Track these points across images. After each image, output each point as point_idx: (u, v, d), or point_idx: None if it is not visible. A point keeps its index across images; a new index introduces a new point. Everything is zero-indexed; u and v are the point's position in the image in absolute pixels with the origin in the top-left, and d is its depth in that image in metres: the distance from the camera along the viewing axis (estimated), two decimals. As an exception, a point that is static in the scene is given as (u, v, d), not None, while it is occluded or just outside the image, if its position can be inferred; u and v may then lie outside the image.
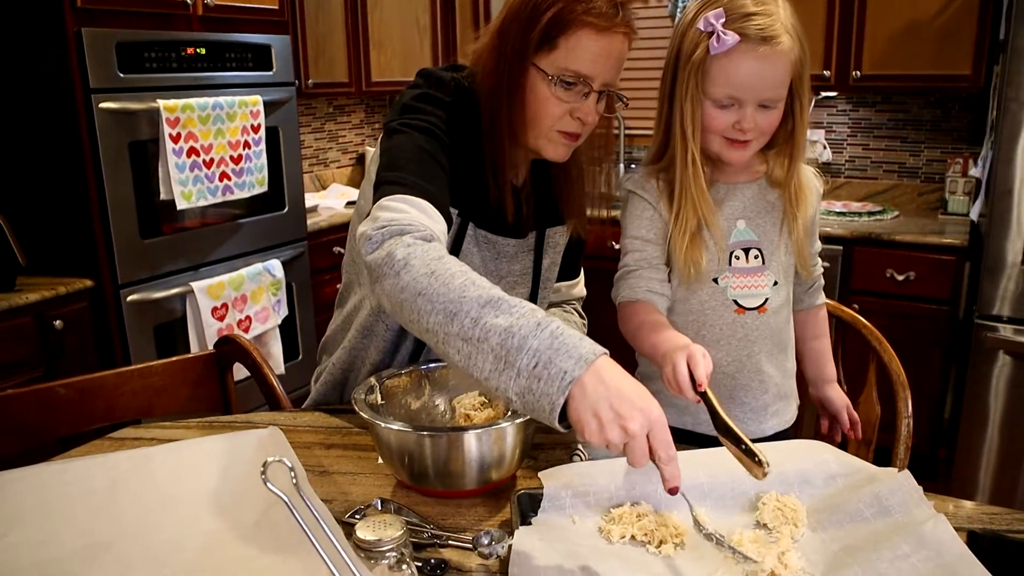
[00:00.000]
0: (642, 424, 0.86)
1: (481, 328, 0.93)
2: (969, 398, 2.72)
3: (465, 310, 0.94)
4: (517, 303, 0.95)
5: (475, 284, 0.98)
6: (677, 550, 0.97)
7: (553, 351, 0.89)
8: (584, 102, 1.22)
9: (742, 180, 1.34)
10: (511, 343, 0.90)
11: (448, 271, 0.99)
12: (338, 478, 1.16)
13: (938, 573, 0.88)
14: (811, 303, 1.49)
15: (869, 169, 3.51)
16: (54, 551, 0.95)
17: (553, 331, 0.90)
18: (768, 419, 1.40)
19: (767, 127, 1.24)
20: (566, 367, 0.87)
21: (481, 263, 1.36)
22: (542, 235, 1.42)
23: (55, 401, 1.45)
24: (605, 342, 0.95)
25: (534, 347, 0.89)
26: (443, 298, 0.96)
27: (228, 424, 1.36)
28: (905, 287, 2.91)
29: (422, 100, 1.28)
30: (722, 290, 1.33)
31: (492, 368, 0.92)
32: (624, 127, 3.93)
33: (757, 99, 1.21)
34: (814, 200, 1.38)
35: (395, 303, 1.03)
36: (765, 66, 1.19)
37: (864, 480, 1.06)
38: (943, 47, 2.95)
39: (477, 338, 0.93)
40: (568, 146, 1.28)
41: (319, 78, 3.55)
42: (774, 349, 1.37)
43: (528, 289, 1.43)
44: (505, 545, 0.94)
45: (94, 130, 2.43)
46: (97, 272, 2.52)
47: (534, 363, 0.89)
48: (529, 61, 1.21)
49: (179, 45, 2.66)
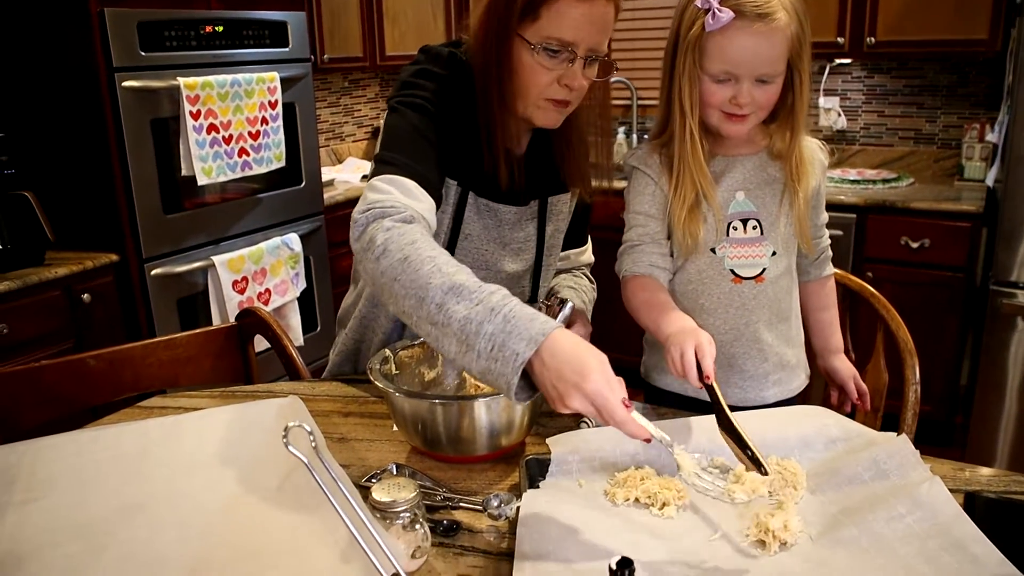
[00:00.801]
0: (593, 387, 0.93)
1: (444, 314, 1.00)
2: (985, 364, 2.73)
3: (431, 296, 1.01)
4: (477, 288, 1.02)
5: (440, 271, 1.04)
6: (679, 512, 1.02)
7: (506, 335, 0.96)
8: (570, 69, 1.25)
9: (743, 152, 1.36)
10: (469, 328, 0.98)
11: (419, 257, 1.06)
12: (355, 444, 1.22)
13: (932, 533, 0.91)
14: (817, 274, 1.50)
15: (884, 136, 3.49)
16: (89, 512, 1.01)
17: (506, 315, 0.97)
18: (769, 387, 1.42)
19: (764, 102, 1.26)
20: (518, 349, 0.95)
21: (483, 230, 1.40)
22: (545, 203, 1.45)
23: (86, 371, 1.51)
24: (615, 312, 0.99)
25: (489, 332, 0.96)
26: (413, 284, 1.04)
27: (250, 394, 1.41)
28: (920, 254, 2.91)
29: (419, 76, 1.33)
30: (719, 260, 1.35)
31: (457, 350, 0.99)
32: (637, 98, 3.93)
33: (753, 74, 1.23)
34: (817, 173, 1.39)
35: (377, 287, 1.11)
36: (760, 42, 1.21)
37: (863, 445, 1.09)
38: (959, 11, 2.92)
39: (442, 323, 1.00)
40: (559, 112, 1.31)
41: (334, 53, 3.57)
42: (774, 318, 1.39)
43: (532, 255, 1.47)
44: (514, 507, 0.98)
45: (117, 108, 2.48)
46: (122, 247, 2.59)
47: (490, 347, 0.96)
48: (514, 31, 1.24)
49: (198, 23, 2.70)
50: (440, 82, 1.32)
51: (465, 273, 1.05)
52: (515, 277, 1.46)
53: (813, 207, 1.41)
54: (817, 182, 1.39)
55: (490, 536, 0.98)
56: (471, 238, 1.39)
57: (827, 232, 1.49)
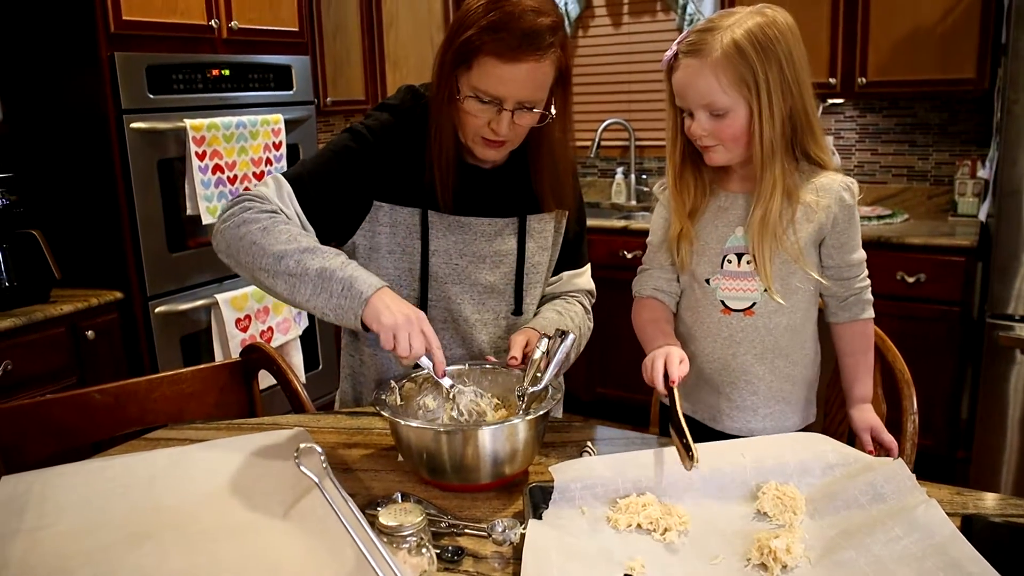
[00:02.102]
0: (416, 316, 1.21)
1: (302, 267, 1.26)
2: (984, 398, 2.74)
3: (290, 254, 1.27)
4: (328, 250, 1.29)
5: (296, 239, 1.29)
6: (681, 537, 1.03)
7: (353, 279, 1.23)
8: (498, 117, 1.33)
9: (747, 190, 1.38)
10: (325, 274, 1.24)
11: (277, 228, 1.31)
12: (360, 475, 1.23)
13: (929, 553, 0.93)
14: (847, 317, 1.42)
15: (878, 174, 3.54)
16: (98, 540, 1.02)
17: (352, 269, 1.25)
18: (757, 420, 1.42)
19: (724, 134, 1.30)
20: (363, 290, 1.22)
21: (454, 245, 1.47)
22: (524, 220, 1.50)
23: (91, 406, 1.53)
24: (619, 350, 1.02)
25: (340, 276, 1.24)
26: (273, 247, 1.28)
27: (256, 426, 1.43)
28: (916, 289, 2.94)
29: (376, 108, 1.51)
30: (712, 290, 1.39)
31: (312, 293, 1.25)
32: (635, 139, 3.99)
33: (696, 106, 1.30)
34: (833, 213, 1.33)
35: (234, 249, 1.33)
36: (689, 76, 1.28)
37: (860, 469, 1.11)
38: (947, 51, 2.98)
39: (299, 274, 1.26)
40: (496, 150, 1.40)
41: (337, 96, 3.64)
42: (767, 352, 1.39)
43: (512, 269, 1.51)
44: (518, 532, 1.00)
45: (125, 149, 2.53)
46: (127, 284, 2.62)
47: (341, 287, 1.23)
48: (451, 75, 1.35)
49: (205, 67, 2.76)
50: (391, 111, 1.47)
51: (315, 240, 1.32)
52: (494, 289, 1.50)
53: (834, 247, 1.37)
54: (831, 221, 1.34)
55: (495, 562, 0.99)
56: (439, 253, 1.46)
57: (864, 273, 1.41)
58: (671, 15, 3.84)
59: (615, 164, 4.11)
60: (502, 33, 1.27)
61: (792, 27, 1.30)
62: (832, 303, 1.43)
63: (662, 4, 3.86)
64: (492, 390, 1.33)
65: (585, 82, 4.06)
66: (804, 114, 1.31)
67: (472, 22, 1.29)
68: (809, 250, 1.36)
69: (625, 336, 1.40)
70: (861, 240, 1.40)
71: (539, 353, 1.27)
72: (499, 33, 1.27)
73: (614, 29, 4.03)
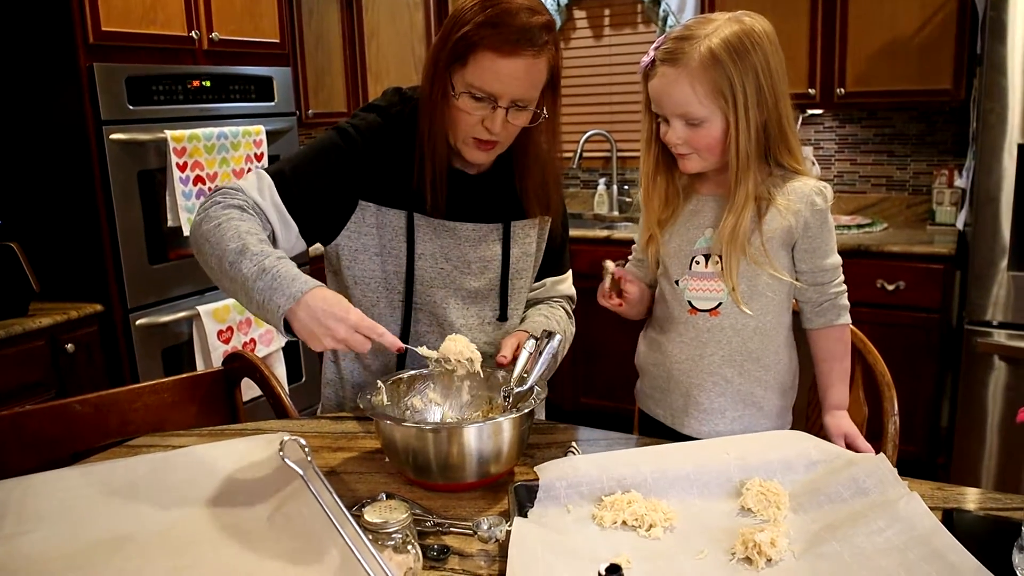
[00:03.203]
0: (346, 329, 1.15)
1: (235, 271, 1.22)
2: (964, 404, 2.77)
3: (227, 256, 1.23)
4: (261, 252, 1.22)
5: (239, 236, 1.24)
6: (666, 533, 1.03)
7: (272, 291, 1.18)
8: (492, 115, 1.33)
9: (718, 193, 1.39)
10: (249, 284, 1.19)
11: (229, 225, 1.26)
12: (345, 477, 1.23)
13: (911, 544, 0.93)
14: (821, 323, 1.41)
15: (858, 183, 3.59)
16: (79, 544, 1.01)
17: (274, 275, 1.19)
18: (724, 423, 1.41)
19: (699, 142, 1.31)
20: (280, 303, 1.17)
21: (439, 249, 1.47)
22: (508, 227, 1.51)
23: (71, 416, 1.51)
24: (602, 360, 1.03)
25: (259, 287, 1.18)
26: (218, 246, 1.25)
27: (239, 432, 1.41)
28: (896, 296, 2.97)
29: (363, 109, 1.49)
30: (681, 291, 1.40)
31: (245, 301, 1.22)
32: (617, 150, 4.01)
33: (672, 114, 1.31)
34: (803, 217, 1.33)
35: (197, 247, 1.31)
36: (666, 84, 1.29)
37: (843, 465, 1.12)
38: (923, 63, 3.03)
39: (232, 278, 1.22)
40: (485, 152, 1.40)
41: (319, 108, 3.65)
42: (735, 354, 1.39)
43: (497, 275, 1.52)
44: (503, 530, 1.00)
45: (104, 160, 2.51)
46: (107, 297, 2.60)
47: (261, 299, 1.18)
48: (446, 73, 1.34)
49: (185, 78, 2.76)
50: (379, 112, 1.46)
51: (256, 239, 1.25)
52: (479, 294, 1.50)
53: (807, 251, 1.36)
54: (801, 225, 1.34)
55: (480, 559, 0.99)
56: (425, 257, 1.46)
57: (839, 279, 1.41)
58: (652, 27, 3.88)
59: (597, 175, 4.14)
60: (500, 28, 1.27)
61: (770, 35, 1.30)
62: (807, 308, 1.42)
63: (643, 16, 3.90)
64: (479, 390, 1.33)
65: (567, 93, 4.09)
66: (779, 124, 1.31)
67: (468, 19, 1.30)
68: (778, 252, 1.36)
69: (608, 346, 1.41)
70: (837, 246, 1.39)
71: (526, 353, 1.27)
72: (497, 28, 1.27)
73: (595, 41, 4.06)
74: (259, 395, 1.63)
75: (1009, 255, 2.61)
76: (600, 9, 3.98)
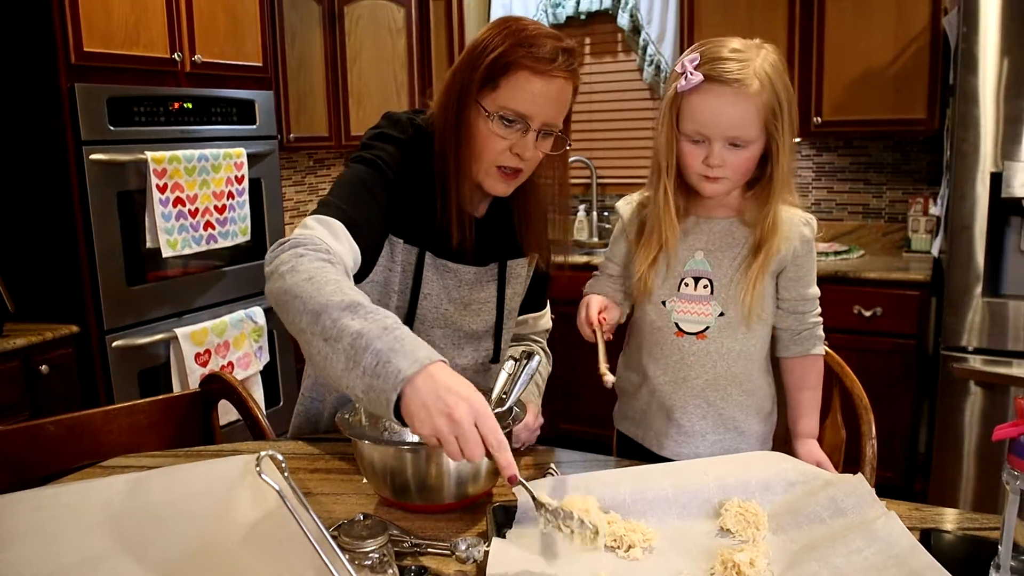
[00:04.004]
0: (467, 411, 0.95)
1: (338, 329, 1.01)
2: (941, 430, 2.78)
3: (328, 311, 1.03)
4: (375, 310, 1.04)
5: (342, 291, 1.06)
6: (645, 554, 1.03)
7: (392, 352, 0.97)
8: (523, 139, 1.31)
9: (716, 215, 1.39)
10: (359, 343, 0.98)
11: (324, 278, 1.08)
12: (321, 499, 1.21)
13: (889, 564, 0.94)
14: (797, 351, 1.43)
15: (835, 211, 3.63)
16: (51, 565, 0.99)
17: (397, 336, 0.99)
18: (705, 446, 1.41)
19: (738, 166, 1.29)
20: (401, 367, 0.96)
21: (443, 290, 1.44)
22: (504, 266, 1.49)
23: (44, 438, 1.48)
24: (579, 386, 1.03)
25: (377, 348, 0.98)
26: (312, 300, 1.05)
27: (216, 453, 1.40)
28: (873, 323, 3.00)
29: (377, 138, 1.40)
30: (667, 312, 1.39)
31: (344, 367, 1.00)
32: (597, 177, 4.04)
33: (722, 137, 1.27)
34: (795, 246, 1.36)
35: (279, 304, 1.11)
36: (728, 106, 1.25)
37: (821, 485, 1.12)
38: (898, 93, 3.09)
39: (334, 337, 1.01)
40: (509, 183, 1.37)
41: (300, 132, 3.65)
42: (719, 378, 1.39)
43: (493, 316, 1.50)
44: (481, 550, 0.99)
45: (84, 180, 2.50)
46: (83, 318, 2.57)
47: (375, 362, 0.97)
48: (473, 99, 1.31)
49: (167, 100, 2.76)
50: (397, 144, 1.39)
51: (365, 297, 1.07)
52: (477, 336, 1.49)
53: (792, 279, 1.39)
54: (791, 255, 1.37)
55: (458, 580, 0.98)
56: (430, 297, 1.42)
57: (817, 309, 1.43)
58: (631, 56, 3.92)
59: (577, 201, 4.16)
60: (535, 48, 1.27)
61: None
62: (785, 336, 1.43)
63: (623, 45, 3.95)
64: None
65: (548, 121, 4.12)
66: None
67: (498, 43, 1.28)
68: (768, 281, 1.38)
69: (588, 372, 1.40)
70: (817, 276, 1.41)
71: (504, 374, 1.27)
72: (532, 48, 1.27)
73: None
74: (236, 419, 1.61)
75: (983, 281, 2.64)
76: (581, 37, 4.03)
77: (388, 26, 3.97)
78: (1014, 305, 2.62)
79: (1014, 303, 2.62)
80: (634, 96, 3.98)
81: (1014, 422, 0.88)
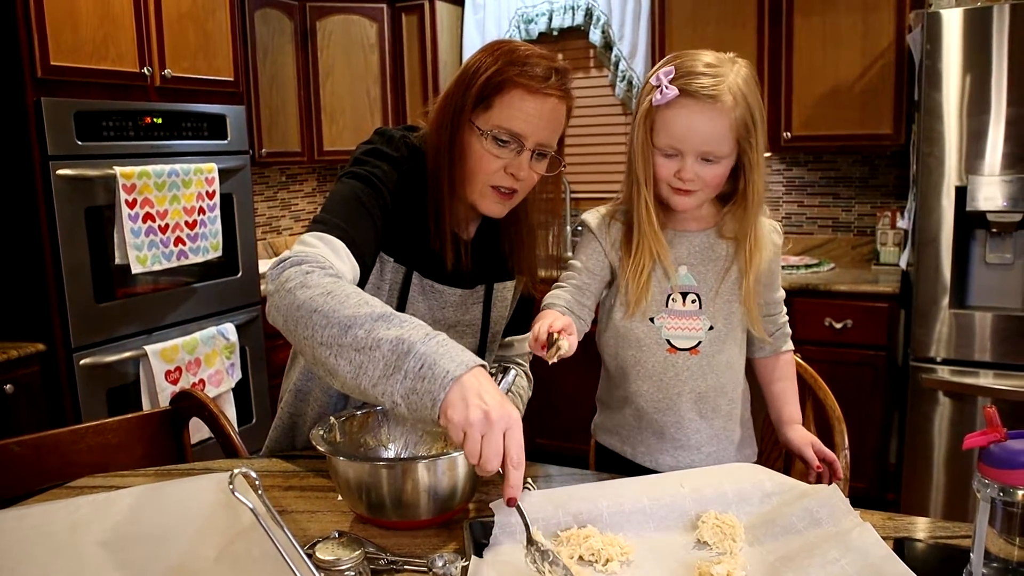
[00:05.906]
0: (503, 417, 0.97)
1: (373, 338, 1.02)
2: (911, 440, 2.82)
3: (359, 323, 1.04)
4: (407, 319, 1.06)
5: (368, 303, 1.07)
6: (623, 567, 1.02)
7: (439, 355, 1.00)
8: (517, 159, 1.31)
9: (692, 228, 1.40)
10: (401, 349, 1.00)
11: (344, 292, 1.09)
12: (296, 516, 1.20)
13: (864, 573, 0.94)
14: (772, 350, 1.49)
15: (805, 225, 3.68)
16: (16, 589, 0.97)
17: (440, 341, 1.03)
18: (700, 458, 1.42)
19: (710, 180, 1.30)
20: (449, 368, 0.99)
21: (428, 311, 1.42)
22: (491, 288, 1.48)
23: (9, 458, 1.45)
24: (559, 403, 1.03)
25: (422, 352, 1.00)
26: (338, 314, 1.05)
27: (187, 471, 1.38)
28: (844, 334, 3.03)
29: (371, 154, 1.38)
30: (657, 329, 1.39)
31: (381, 374, 1.01)
32: (570, 191, 4.06)
33: (696, 151, 1.28)
34: (768, 254, 1.40)
35: (291, 319, 1.10)
36: (702, 120, 1.26)
37: (796, 496, 1.12)
38: (865, 109, 3.15)
39: (369, 347, 1.02)
40: (502, 204, 1.36)
41: (272, 148, 3.64)
42: (710, 391, 1.40)
43: (476, 339, 1.49)
44: (459, 566, 0.98)
45: (51, 196, 2.47)
46: (50, 336, 2.53)
47: (420, 365, 0.99)
48: (467, 118, 1.31)
49: (137, 115, 2.73)
50: (392, 163, 1.37)
51: (389, 308, 1.08)
52: None
53: (765, 285, 1.43)
54: (768, 262, 1.40)
55: (435, 597, 0.97)
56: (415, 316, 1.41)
57: (784, 310, 1.50)
58: (604, 71, 3.96)
59: (551, 216, 4.17)
60: (528, 67, 1.28)
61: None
62: (758, 338, 1.46)
63: (595, 61, 3.98)
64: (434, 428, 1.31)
65: (521, 136, 4.13)
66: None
67: (489, 65, 1.29)
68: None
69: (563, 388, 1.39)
70: (788, 289, 1.45)
71: None
72: (526, 67, 1.28)
73: (548, 85, 4.12)
74: (208, 437, 1.59)
75: (950, 293, 2.69)
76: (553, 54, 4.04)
77: (361, 42, 3.97)
78: (980, 316, 2.67)
79: (980, 314, 2.67)
80: (606, 112, 4.01)
81: (984, 431, 0.89)
